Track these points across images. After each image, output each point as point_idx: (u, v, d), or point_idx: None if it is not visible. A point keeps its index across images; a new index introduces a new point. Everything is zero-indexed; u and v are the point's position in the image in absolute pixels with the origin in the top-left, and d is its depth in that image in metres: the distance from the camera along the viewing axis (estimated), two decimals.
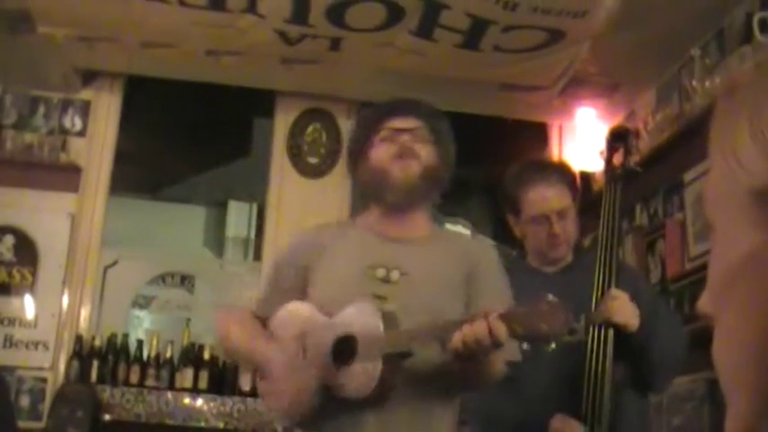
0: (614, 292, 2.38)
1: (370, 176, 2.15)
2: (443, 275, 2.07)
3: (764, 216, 0.56)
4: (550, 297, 1.76)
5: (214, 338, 2.38)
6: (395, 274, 2.05)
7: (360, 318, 1.96)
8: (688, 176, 3.73)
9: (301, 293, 2.13)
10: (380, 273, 2.05)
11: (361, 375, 1.90)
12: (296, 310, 2.08)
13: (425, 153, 2.12)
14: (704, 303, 0.62)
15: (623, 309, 2.35)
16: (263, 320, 2.16)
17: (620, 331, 2.34)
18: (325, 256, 2.13)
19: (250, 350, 2.10)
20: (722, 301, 0.59)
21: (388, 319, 1.93)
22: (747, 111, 0.59)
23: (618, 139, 2.66)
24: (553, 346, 1.75)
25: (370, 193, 2.20)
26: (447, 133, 2.21)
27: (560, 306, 1.73)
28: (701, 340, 2.79)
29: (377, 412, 1.93)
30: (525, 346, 1.96)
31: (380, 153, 2.13)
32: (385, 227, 2.15)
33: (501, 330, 1.75)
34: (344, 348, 1.93)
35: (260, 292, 2.24)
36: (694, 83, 3.77)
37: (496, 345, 1.77)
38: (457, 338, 1.79)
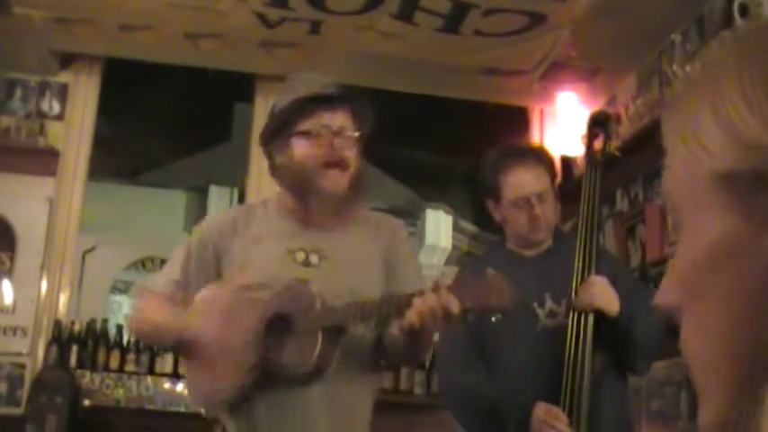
0: (594, 278, 2.40)
1: (293, 172, 2.09)
2: (362, 258, 2.10)
3: (733, 200, 0.54)
4: (491, 270, 1.81)
5: (129, 325, 2.34)
6: (314, 258, 2.06)
7: (294, 295, 1.97)
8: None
9: (215, 276, 2.11)
10: (300, 256, 2.05)
11: (301, 351, 1.92)
12: (219, 291, 2.06)
13: (353, 159, 2.09)
14: (666, 295, 0.61)
15: (603, 294, 2.36)
16: (174, 300, 2.12)
17: (601, 316, 2.35)
18: (240, 238, 2.11)
19: (174, 328, 2.06)
20: (694, 291, 0.57)
21: (322, 296, 1.95)
22: (708, 95, 0.57)
23: (598, 124, 2.67)
24: (499, 316, 1.82)
25: (288, 184, 2.14)
26: (368, 120, 2.16)
27: (504, 280, 1.78)
28: (679, 326, 2.82)
29: (315, 387, 1.96)
30: (470, 317, 2.05)
31: (305, 151, 2.07)
32: (303, 215, 2.12)
33: (453, 303, 1.77)
34: (278, 326, 1.95)
35: (170, 274, 2.18)
36: (675, 68, 3.78)
37: (449, 317, 1.79)
38: (412, 313, 1.80)
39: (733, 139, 0.54)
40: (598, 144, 2.62)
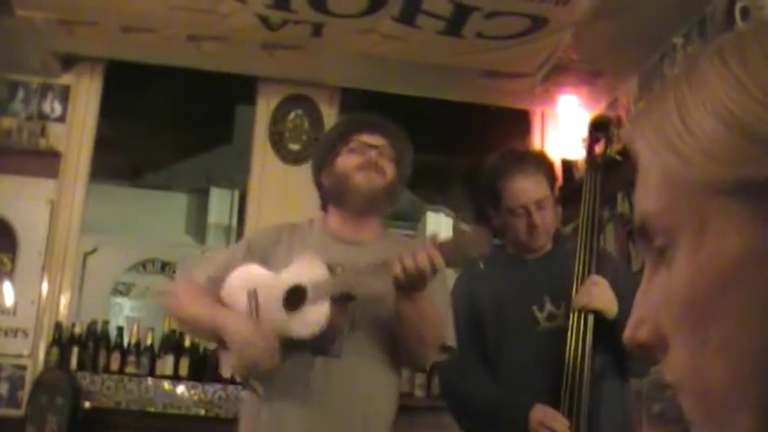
0: (594, 278, 2.40)
1: (334, 181, 2.32)
2: None
3: (752, 208, 0.49)
4: (464, 225, 2.03)
5: (168, 310, 2.49)
6: (339, 272, 2.18)
7: (307, 267, 2.14)
8: None
9: None
10: (338, 272, 2.18)
11: (311, 316, 2.07)
12: (246, 270, 2.25)
13: (389, 170, 2.30)
14: (643, 331, 0.55)
15: (602, 294, 2.37)
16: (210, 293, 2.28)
17: (600, 317, 2.36)
18: (283, 254, 2.27)
19: (209, 315, 2.20)
20: (708, 314, 0.51)
21: (332, 268, 2.12)
22: (695, 94, 0.52)
23: (599, 128, 2.68)
24: (481, 265, 2.03)
25: (331, 197, 2.35)
26: (408, 154, 2.38)
27: (482, 231, 1.98)
28: None
29: (328, 357, 2.11)
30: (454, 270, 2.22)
31: (347, 162, 2.29)
32: (340, 230, 2.32)
33: (437, 256, 1.95)
34: (295, 297, 2.11)
35: (208, 269, 2.34)
36: (676, 71, 3.77)
37: (434, 271, 1.95)
38: (397, 265, 1.97)
39: (747, 139, 0.49)
40: (599, 148, 2.62)
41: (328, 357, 2.12)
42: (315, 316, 2.07)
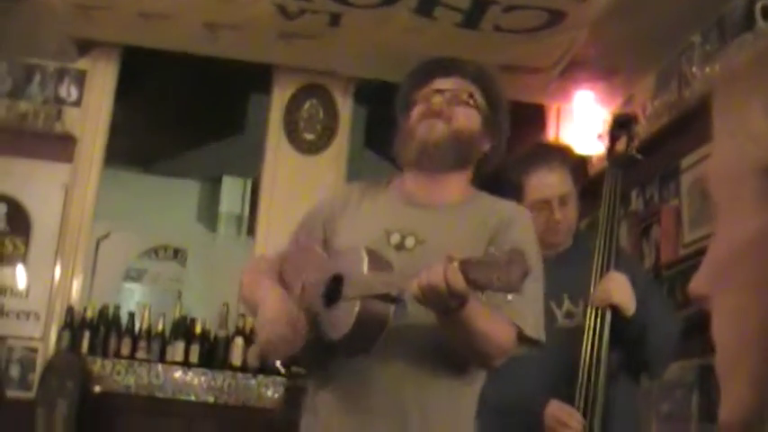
0: (612, 273, 2.38)
1: (400, 137, 2.04)
2: (464, 243, 1.89)
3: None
4: (507, 247, 1.64)
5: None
6: (410, 241, 1.93)
7: (350, 257, 1.86)
8: (685, 163, 3.72)
9: (323, 245, 2.04)
10: (395, 239, 1.93)
11: (341, 315, 1.80)
12: (307, 251, 2.01)
13: (462, 115, 1.99)
14: (699, 283, 0.60)
15: (621, 290, 2.35)
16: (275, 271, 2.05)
17: (618, 314, 2.34)
18: (349, 215, 2.04)
19: (254, 294, 1.98)
20: (725, 282, 0.57)
21: (377, 260, 1.81)
22: (760, 89, 0.57)
23: (621, 126, 2.65)
24: (509, 297, 1.62)
25: (398, 154, 2.06)
26: (495, 98, 2.08)
27: (517, 255, 1.56)
28: (692, 327, 2.78)
29: (361, 362, 1.82)
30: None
31: (413, 114, 2.01)
32: (413, 191, 2.02)
33: (455, 277, 1.57)
34: (336, 288, 1.85)
35: (283, 245, 2.13)
36: (694, 69, 3.76)
37: (452, 294, 1.60)
38: (413, 284, 1.64)
39: None
40: (620, 146, 2.60)
41: (361, 361, 1.82)
42: (344, 317, 1.78)
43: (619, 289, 2.35)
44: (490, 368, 1.93)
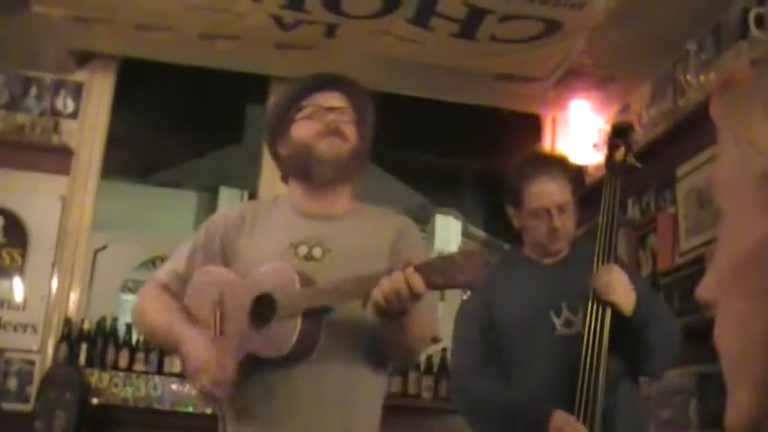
0: (612, 265, 2.39)
1: (294, 152, 2.10)
2: (366, 250, 2.04)
3: None
4: (470, 249, 1.79)
5: (132, 314, 2.29)
6: (317, 251, 2.03)
7: (276, 276, 1.93)
8: (681, 171, 3.73)
9: (222, 266, 2.10)
10: (303, 250, 2.02)
11: (280, 333, 1.87)
12: (214, 273, 2.06)
13: (351, 134, 2.10)
14: (706, 288, 0.61)
15: (620, 283, 2.35)
16: (175, 294, 2.11)
17: (616, 311, 2.34)
18: (247, 234, 2.10)
19: (167, 326, 2.03)
20: (731, 287, 0.57)
21: (305, 277, 1.91)
22: (761, 96, 0.57)
23: (619, 134, 2.66)
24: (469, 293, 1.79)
25: (292, 169, 2.14)
26: (369, 110, 2.17)
27: (477, 255, 1.72)
28: (691, 334, 2.78)
29: (302, 370, 1.91)
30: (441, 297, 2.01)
31: (304, 130, 2.08)
32: (307, 204, 2.11)
33: (418, 281, 1.72)
34: (263, 308, 1.91)
35: (174, 265, 2.18)
36: (689, 77, 3.77)
37: (415, 297, 1.74)
38: (377, 292, 1.76)
39: None
40: (619, 155, 2.62)
41: (302, 369, 1.91)
42: (284, 335, 1.86)
43: (617, 281, 2.36)
44: (411, 364, 2.17)
